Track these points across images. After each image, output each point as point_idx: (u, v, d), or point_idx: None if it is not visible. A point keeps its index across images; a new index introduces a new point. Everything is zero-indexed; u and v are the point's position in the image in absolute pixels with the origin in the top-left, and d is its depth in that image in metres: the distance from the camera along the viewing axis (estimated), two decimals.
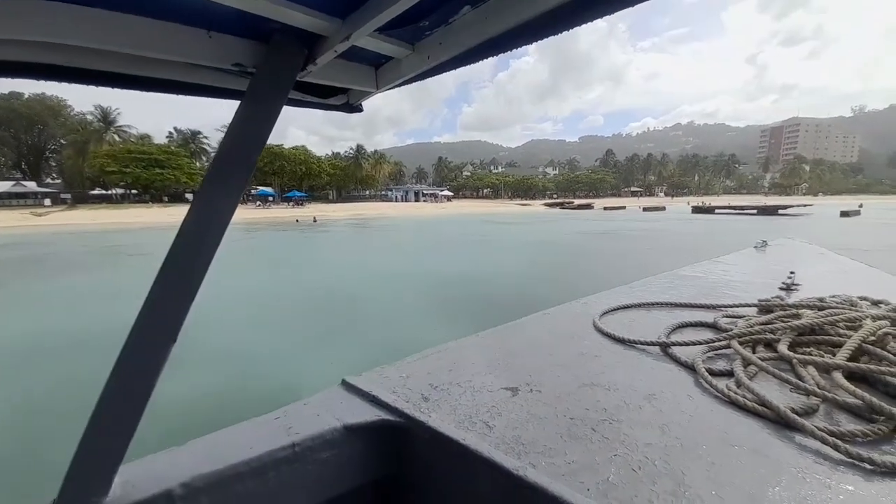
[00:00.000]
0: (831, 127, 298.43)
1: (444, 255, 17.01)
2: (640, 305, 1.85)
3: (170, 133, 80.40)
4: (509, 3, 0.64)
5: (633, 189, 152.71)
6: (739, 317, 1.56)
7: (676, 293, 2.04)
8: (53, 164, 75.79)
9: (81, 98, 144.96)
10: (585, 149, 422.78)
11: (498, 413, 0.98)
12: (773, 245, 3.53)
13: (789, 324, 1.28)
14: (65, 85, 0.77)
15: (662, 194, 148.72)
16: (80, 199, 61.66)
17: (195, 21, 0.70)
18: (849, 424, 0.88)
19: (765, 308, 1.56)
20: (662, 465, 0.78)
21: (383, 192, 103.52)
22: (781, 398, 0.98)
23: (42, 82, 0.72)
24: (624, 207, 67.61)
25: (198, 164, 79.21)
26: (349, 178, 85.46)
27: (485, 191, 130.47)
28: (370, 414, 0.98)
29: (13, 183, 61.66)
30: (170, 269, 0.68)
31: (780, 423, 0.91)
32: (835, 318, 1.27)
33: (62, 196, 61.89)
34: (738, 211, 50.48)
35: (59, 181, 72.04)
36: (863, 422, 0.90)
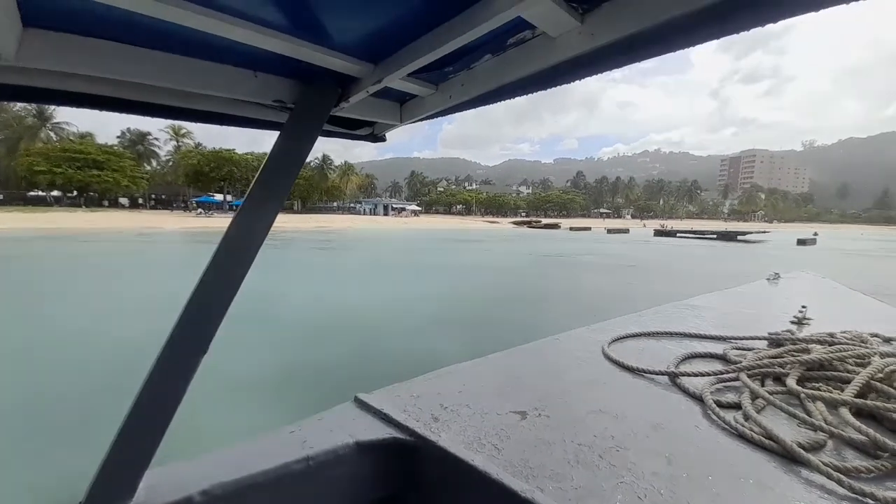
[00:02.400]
0: (784, 159, 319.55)
1: (350, 281, 14.07)
2: (649, 334, 1.84)
3: (122, 133, 74.87)
4: (525, 55, 0.69)
5: (602, 210, 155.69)
6: (749, 349, 1.56)
7: (687, 323, 2.03)
8: None
9: None
10: (559, 170, 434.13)
11: (507, 436, 0.99)
12: (785, 278, 3.45)
13: (798, 358, 1.29)
14: None
15: (629, 216, 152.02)
16: (11, 200, 55.14)
17: (243, 63, 0.77)
18: (854, 460, 0.88)
19: (775, 342, 1.56)
20: (668, 494, 0.78)
21: (351, 205, 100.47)
22: (789, 432, 0.98)
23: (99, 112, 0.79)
24: (589, 228, 67.02)
25: (148, 167, 74.48)
26: (314, 188, 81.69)
27: (458, 207, 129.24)
28: (381, 431, 0.99)
29: None
30: (206, 286, 0.71)
31: (787, 457, 0.91)
32: (844, 353, 1.28)
33: None
34: (698, 235, 50.30)
35: None
36: (868, 458, 0.90)
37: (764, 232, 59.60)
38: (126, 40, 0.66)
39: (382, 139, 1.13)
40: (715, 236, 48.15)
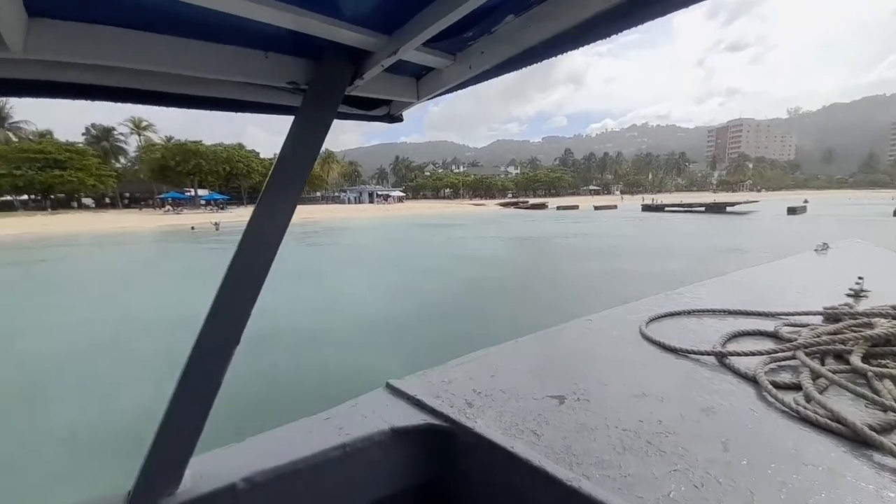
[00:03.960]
0: (770, 127, 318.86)
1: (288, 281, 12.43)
2: (689, 312, 1.74)
3: (86, 129, 70.65)
4: (551, 11, 0.64)
5: (591, 188, 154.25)
6: (803, 325, 1.48)
7: (729, 300, 1.92)
8: None
9: None
10: (548, 149, 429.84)
11: (545, 421, 0.95)
12: (834, 248, 3.24)
13: (862, 333, 1.22)
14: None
15: (619, 192, 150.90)
16: None
17: (254, 44, 0.74)
18: None
19: (832, 316, 1.46)
20: (728, 482, 0.74)
21: (336, 194, 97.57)
22: (857, 414, 0.93)
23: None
24: (577, 207, 65.69)
25: (118, 164, 70.81)
26: None
27: (446, 191, 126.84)
28: (416, 417, 0.98)
29: None
30: (233, 276, 0.71)
31: (857, 440, 0.86)
32: None
33: None
34: (686, 209, 49.17)
35: None
36: None
37: (752, 202, 58.70)
38: (134, 25, 0.64)
39: (399, 119, 1.07)
40: (703, 209, 47.05)
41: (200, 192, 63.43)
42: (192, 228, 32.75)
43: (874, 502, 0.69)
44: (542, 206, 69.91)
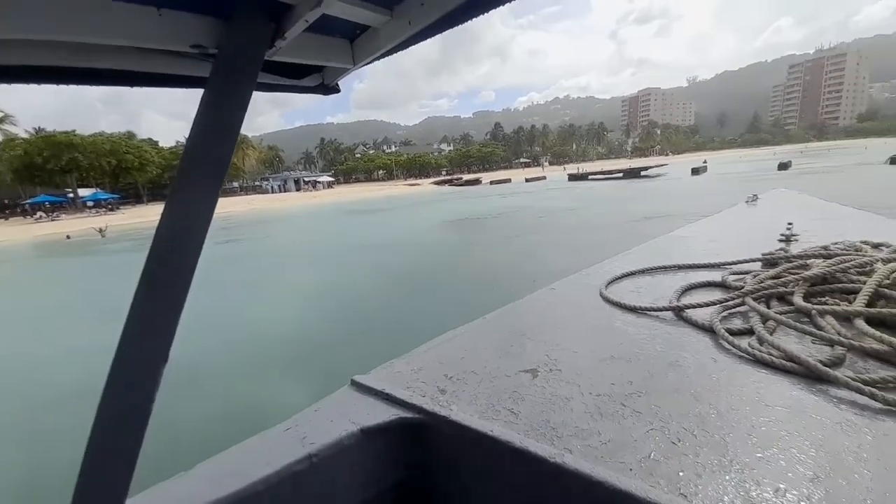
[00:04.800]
0: (674, 95, 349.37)
1: None
2: (643, 271, 1.80)
3: None
4: None
5: (522, 160, 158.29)
6: (746, 272, 1.55)
7: (677, 255, 1.98)
8: None
9: None
10: (479, 124, 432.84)
11: (520, 398, 0.93)
12: (763, 198, 3.52)
13: (801, 275, 1.28)
14: None
15: (547, 164, 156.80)
16: None
17: None
18: (880, 371, 0.86)
19: (770, 262, 1.55)
20: (702, 434, 0.75)
21: (256, 183, 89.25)
22: (806, 351, 0.96)
23: None
24: (509, 180, 66.59)
25: None
26: None
27: (379, 173, 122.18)
28: (386, 413, 0.92)
29: None
30: (150, 283, 0.61)
31: (811, 377, 0.88)
32: (846, 264, 1.26)
33: None
34: (608, 175, 51.73)
35: None
36: (892, 367, 0.88)
37: (663, 165, 63.54)
38: None
39: (336, 90, 0.96)
40: (621, 175, 49.76)
41: (83, 192, 53.87)
42: (68, 237, 27.18)
43: (835, 434, 0.71)
44: (476, 182, 69.88)
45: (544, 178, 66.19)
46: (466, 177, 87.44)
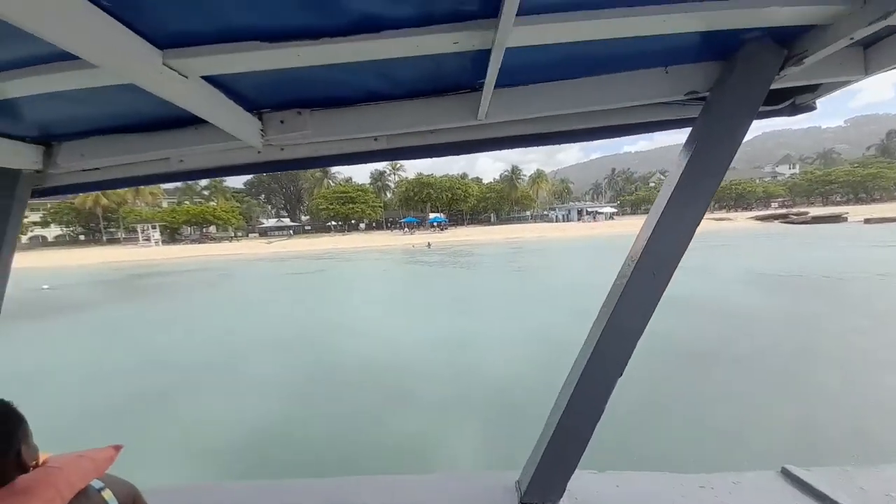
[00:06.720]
0: None
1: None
2: None
3: (370, 174, 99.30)
4: None
5: None
6: None
7: None
8: (304, 205, 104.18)
9: None
10: (854, 135, 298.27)
11: None
12: None
13: None
14: None
15: None
16: (318, 229, 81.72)
17: (653, 61, 0.66)
18: None
19: None
20: None
21: (545, 213, 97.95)
22: None
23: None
24: None
25: (384, 197, 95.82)
26: (504, 199, 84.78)
27: None
28: None
29: (276, 220, 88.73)
30: (620, 304, 0.64)
31: None
32: None
33: (306, 228, 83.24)
34: None
35: (307, 217, 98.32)
36: None
37: None
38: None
39: (810, 108, 0.86)
40: None
41: (431, 215, 77.04)
42: (413, 246, 39.57)
43: None
44: (837, 219, 48.19)
45: None
46: (816, 211, 61.66)
